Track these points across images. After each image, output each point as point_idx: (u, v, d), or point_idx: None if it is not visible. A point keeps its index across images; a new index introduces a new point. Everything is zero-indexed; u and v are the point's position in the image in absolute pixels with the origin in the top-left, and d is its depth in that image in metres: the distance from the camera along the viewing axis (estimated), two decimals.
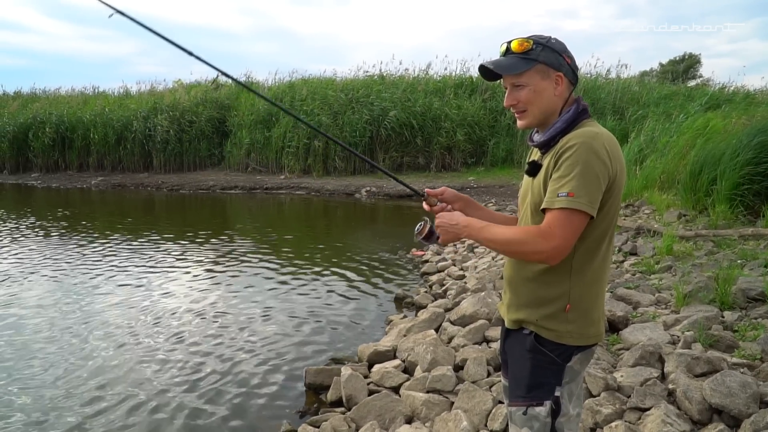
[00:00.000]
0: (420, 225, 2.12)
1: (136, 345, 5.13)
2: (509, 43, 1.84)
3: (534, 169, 1.87)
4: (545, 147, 1.86)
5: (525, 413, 1.84)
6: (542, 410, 1.82)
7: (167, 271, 7.77)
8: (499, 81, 1.94)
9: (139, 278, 7.37)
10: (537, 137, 1.90)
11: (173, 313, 5.97)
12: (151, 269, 7.88)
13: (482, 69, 1.88)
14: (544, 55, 1.80)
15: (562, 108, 1.85)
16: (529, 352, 1.87)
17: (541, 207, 1.75)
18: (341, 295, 6.70)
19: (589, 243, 1.79)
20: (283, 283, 7.24)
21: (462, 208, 2.16)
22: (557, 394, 1.83)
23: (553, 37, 1.85)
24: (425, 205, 2.21)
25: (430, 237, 2.10)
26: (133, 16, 2.30)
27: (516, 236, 1.76)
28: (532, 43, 1.81)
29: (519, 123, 1.92)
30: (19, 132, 23.35)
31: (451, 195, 2.19)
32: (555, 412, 1.83)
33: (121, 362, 4.75)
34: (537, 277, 1.86)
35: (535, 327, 1.86)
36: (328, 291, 6.88)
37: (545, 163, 1.81)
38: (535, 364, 1.85)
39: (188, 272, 7.74)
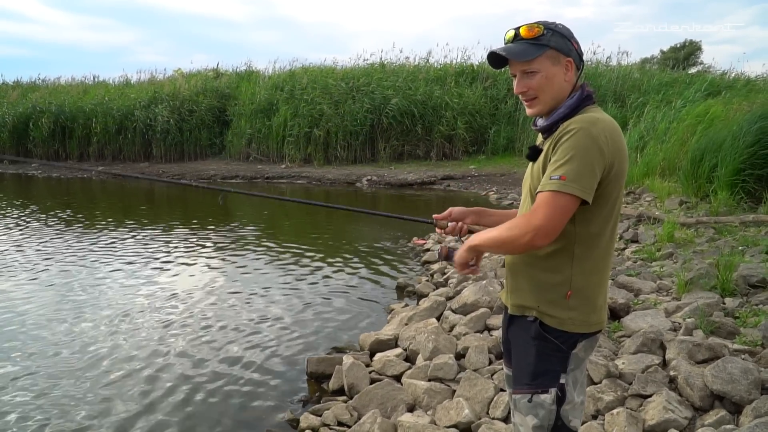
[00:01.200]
0: (439, 248, 2.16)
1: (135, 334, 5.13)
2: (517, 29, 1.82)
3: (534, 153, 1.87)
4: (547, 132, 1.85)
5: (530, 401, 1.84)
6: (547, 397, 1.82)
7: (168, 261, 7.77)
8: (501, 69, 1.92)
9: (141, 268, 7.37)
10: (540, 122, 1.89)
11: (173, 302, 5.98)
12: (153, 259, 7.87)
13: (492, 56, 1.85)
14: (554, 40, 1.79)
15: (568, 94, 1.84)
16: (534, 339, 1.86)
17: (536, 191, 1.75)
18: (343, 284, 6.70)
19: (591, 230, 1.78)
20: (284, 272, 7.24)
21: (475, 221, 2.19)
22: (562, 381, 1.83)
23: (559, 22, 1.83)
24: (438, 231, 2.24)
25: (451, 256, 2.13)
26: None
27: (506, 227, 1.77)
28: (542, 28, 1.79)
29: (529, 110, 1.89)
30: (19, 122, 23.24)
31: (458, 213, 2.20)
32: (560, 400, 1.82)
33: (118, 352, 4.76)
34: (538, 263, 1.85)
35: (537, 313, 1.85)
36: (330, 280, 6.89)
37: (545, 148, 1.81)
38: (540, 351, 1.84)
39: (189, 261, 7.74)
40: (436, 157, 19.05)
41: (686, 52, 32.83)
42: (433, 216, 2.22)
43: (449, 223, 2.19)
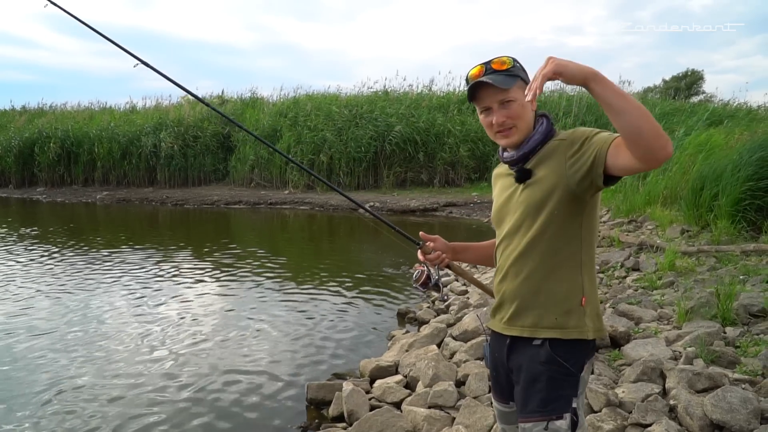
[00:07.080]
0: (417, 272, 2.16)
1: (135, 360, 5.12)
2: (487, 64, 1.88)
3: (524, 175, 1.88)
4: (525, 159, 1.90)
5: (546, 428, 1.79)
6: (563, 423, 1.78)
7: (170, 287, 7.79)
8: (471, 102, 1.95)
9: (142, 294, 7.38)
10: (508, 154, 1.95)
11: (174, 328, 5.98)
12: (154, 285, 7.89)
13: (475, 85, 1.87)
14: (521, 72, 1.89)
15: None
16: (543, 364, 1.83)
17: (607, 146, 1.66)
18: (343, 310, 6.70)
19: (591, 236, 1.87)
20: (285, 297, 7.25)
21: (453, 258, 2.28)
22: (574, 405, 1.81)
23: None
24: (420, 255, 2.25)
25: (428, 284, 2.15)
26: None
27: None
28: (512, 60, 1.88)
29: (506, 141, 1.91)
30: (25, 147, 23.49)
31: (442, 244, 2.26)
32: (574, 424, 1.80)
33: (119, 377, 4.75)
34: (552, 275, 1.85)
35: (554, 330, 1.83)
36: (331, 306, 6.89)
37: (538, 168, 1.85)
38: (552, 377, 1.81)
39: (191, 287, 7.75)
40: (438, 184, 19.13)
41: (688, 82, 33.08)
42: (420, 234, 2.23)
43: (434, 252, 2.21)
